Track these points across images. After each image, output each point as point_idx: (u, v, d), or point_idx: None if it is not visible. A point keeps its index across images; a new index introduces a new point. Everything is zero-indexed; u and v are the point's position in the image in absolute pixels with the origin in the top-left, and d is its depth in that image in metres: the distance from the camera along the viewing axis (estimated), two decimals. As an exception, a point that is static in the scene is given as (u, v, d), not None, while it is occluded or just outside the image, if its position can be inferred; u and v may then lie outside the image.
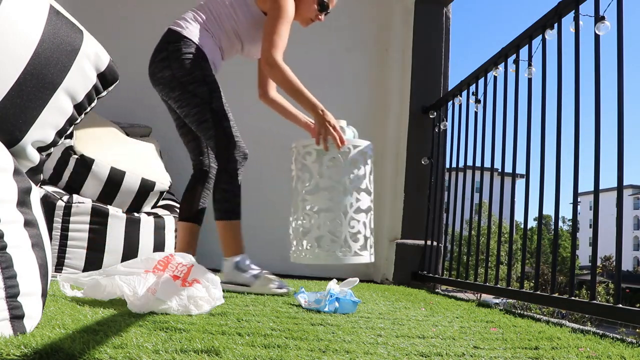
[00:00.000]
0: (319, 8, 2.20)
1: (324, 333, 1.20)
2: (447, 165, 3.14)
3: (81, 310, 1.30)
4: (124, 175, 2.49)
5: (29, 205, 1.01)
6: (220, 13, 2.12)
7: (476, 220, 2.70)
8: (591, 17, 1.79)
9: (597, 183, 1.74)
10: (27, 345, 0.83)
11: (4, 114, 1.01)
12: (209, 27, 2.12)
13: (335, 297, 1.61)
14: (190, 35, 2.07)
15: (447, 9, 3.45)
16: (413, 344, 1.13)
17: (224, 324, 1.25)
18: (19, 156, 1.09)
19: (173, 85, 2.06)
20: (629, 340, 1.33)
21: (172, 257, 1.53)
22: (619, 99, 1.63)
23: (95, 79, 1.21)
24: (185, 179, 3.56)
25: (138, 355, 0.85)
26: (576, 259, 5.54)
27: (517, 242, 9.96)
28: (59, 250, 2.30)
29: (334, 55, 3.87)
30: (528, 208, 2.17)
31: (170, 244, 2.65)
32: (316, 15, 2.22)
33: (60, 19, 1.11)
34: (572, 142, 1.86)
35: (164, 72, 2.07)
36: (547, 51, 2.10)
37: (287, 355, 0.93)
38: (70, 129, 1.20)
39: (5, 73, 1.00)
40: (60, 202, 2.32)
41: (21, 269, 0.94)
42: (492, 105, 2.52)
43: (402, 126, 3.45)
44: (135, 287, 1.39)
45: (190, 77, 2.03)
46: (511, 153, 2.31)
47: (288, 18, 2.05)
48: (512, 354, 1.08)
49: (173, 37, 2.08)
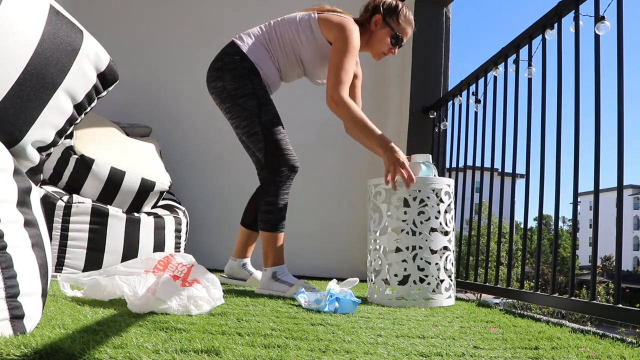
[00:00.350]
0: (393, 42, 2.20)
1: (324, 333, 1.20)
2: (447, 165, 3.14)
3: (81, 310, 1.30)
4: (124, 175, 2.49)
5: (29, 205, 1.01)
6: (285, 36, 2.13)
7: (476, 220, 2.71)
8: (591, 17, 1.79)
9: (597, 183, 1.74)
10: (27, 345, 0.83)
11: (4, 114, 1.01)
12: (270, 48, 2.13)
13: (335, 297, 1.61)
14: (248, 51, 2.09)
15: (447, 9, 3.45)
16: (413, 344, 1.13)
17: (224, 324, 1.25)
18: (19, 156, 1.09)
19: (224, 97, 2.09)
20: (629, 340, 1.33)
21: (172, 257, 1.53)
22: (619, 99, 1.63)
23: (95, 79, 1.21)
24: (185, 179, 3.57)
25: (138, 355, 0.85)
26: (576, 259, 5.55)
27: (517, 242, 9.96)
28: (59, 250, 2.30)
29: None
30: (528, 208, 2.17)
31: (171, 244, 2.65)
32: (389, 49, 2.22)
33: (60, 19, 1.11)
34: (572, 142, 1.86)
35: (217, 82, 2.10)
36: (547, 51, 2.10)
37: (287, 355, 0.93)
38: (70, 129, 1.20)
39: (5, 73, 1.00)
40: (60, 202, 2.32)
41: (21, 269, 0.94)
42: (492, 105, 2.52)
43: (402, 126, 3.45)
44: (135, 287, 1.39)
45: (240, 91, 2.05)
46: (511, 153, 2.31)
47: (354, 51, 2.05)
48: (512, 354, 1.07)
49: (232, 49, 2.11)
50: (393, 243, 1.93)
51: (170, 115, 3.63)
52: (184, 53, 3.68)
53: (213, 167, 3.61)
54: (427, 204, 1.91)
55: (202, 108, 3.70)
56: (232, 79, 2.06)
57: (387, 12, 2.19)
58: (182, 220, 2.76)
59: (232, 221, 2.31)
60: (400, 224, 1.91)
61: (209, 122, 3.66)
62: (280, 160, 2.04)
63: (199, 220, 3.28)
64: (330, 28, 2.07)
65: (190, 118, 3.66)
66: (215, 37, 3.83)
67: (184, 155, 3.56)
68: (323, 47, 2.12)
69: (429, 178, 1.96)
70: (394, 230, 1.93)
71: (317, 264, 3.34)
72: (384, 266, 1.94)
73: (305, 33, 2.11)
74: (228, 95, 2.07)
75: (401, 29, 2.20)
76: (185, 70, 3.68)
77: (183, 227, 2.77)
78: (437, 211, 1.92)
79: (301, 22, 2.12)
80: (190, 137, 3.63)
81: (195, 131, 3.64)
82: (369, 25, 2.21)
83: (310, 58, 2.15)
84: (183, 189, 3.39)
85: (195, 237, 3.11)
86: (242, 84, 2.05)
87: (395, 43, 2.20)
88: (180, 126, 3.63)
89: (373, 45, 2.22)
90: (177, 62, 3.69)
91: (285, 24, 2.14)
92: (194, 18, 3.75)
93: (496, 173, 2.68)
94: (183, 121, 3.65)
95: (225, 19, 3.76)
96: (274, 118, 2.07)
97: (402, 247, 1.91)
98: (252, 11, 3.80)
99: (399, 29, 2.19)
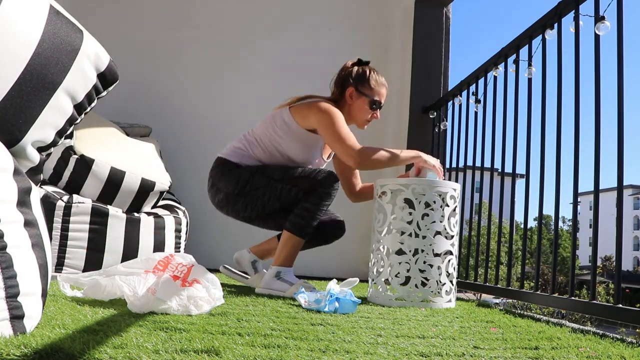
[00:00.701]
0: (373, 107, 2.23)
1: (324, 333, 1.20)
2: (447, 165, 3.14)
3: (81, 310, 1.30)
4: (124, 175, 2.49)
5: (29, 205, 1.01)
6: (264, 137, 2.17)
7: (476, 220, 2.70)
8: (591, 17, 1.79)
9: (597, 183, 1.74)
10: (27, 345, 0.83)
11: (4, 114, 1.01)
12: (248, 147, 2.18)
13: (335, 297, 1.61)
14: (229, 157, 2.16)
15: (447, 9, 3.45)
16: (413, 344, 1.13)
17: (224, 324, 1.25)
18: (19, 156, 1.09)
19: (234, 200, 2.13)
20: (629, 340, 1.33)
21: (172, 258, 1.53)
22: (619, 99, 1.63)
23: (95, 79, 1.21)
24: (185, 179, 3.56)
25: (138, 355, 0.85)
26: (576, 259, 5.54)
27: (517, 242, 9.96)
28: (59, 250, 2.30)
29: (335, 55, 3.86)
30: (528, 208, 2.17)
31: (170, 244, 2.65)
32: (371, 115, 2.25)
33: (60, 19, 1.11)
34: (572, 142, 1.86)
35: (217, 195, 2.18)
36: (547, 51, 2.10)
37: (287, 355, 0.93)
38: (70, 129, 1.20)
39: (5, 73, 1.00)
40: (60, 202, 2.32)
41: (21, 269, 0.94)
42: (492, 105, 2.52)
43: (402, 126, 3.45)
44: (135, 287, 1.39)
45: (241, 182, 2.10)
46: (511, 153, 2.31)
47: (338, 116, 2.09)
48: (512, 354, 1.07)
49: (214, 164, 2.21)
50: (396, 244, 1.93)
51: (170, 115, 3.63)
52: (184, 53, 3.68)
53: (213, 167, 3.61)
54: (432, 207, 1.91)
55: (202, 108, 3.71)
56: (227, 182, 2.12)
57: (357, 81, 2.22)
58: (182, 220, 2.77)
59: (232, 221, 2.30)
60: (405, 225, 1.91)
61: (208, 122, 3.66)
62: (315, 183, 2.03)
63: (199, 220, 3.28)
64: (305, 116, 2.12)
65: (190, 118, 3.66)
66: (216, 37, 3.86)
67: (184, 155, 3.56)
68: (303, 136, 2.15)
69: (435, 181, 1.98)
70: (397, 231, 1.93)
71: (317, 264, 3.33)
72: (386, 267, 1.94)
73: (282, 129, 2.14)
74: (234, 195, 2.12)
75: (376, 92, 2.23)
76: (186, 70, 3.69)
77: (183, 227, 2.77)
78: (442, 215, 1.92)
79: (276, 120, 2.16)
80: (190, 137, 3.63)
81: (195, 131, 3.64)
82: (344, 99, 2.23)
83: (293, 148, 2.16)
84: (183, 189, 3.39)
85: (195, 237, 3.11)
86: (237, 177, 2.10)
87: (375, 107, 2.24)
88: (180, 126, 3.63)
89: (354, 117, 2.24)
90: (177, 62, 3.69)
91: (262, 126, 2.19)
92: (194, 18, 3.75)
93: (496, 173, 2.68)
94: (183, 121, 3.65)
95: (225, 19, 3.77)
96: (282, 167, 2.09)
97: (405, 248, 1.91)
98: (252, 11, 3.80)
99: (374, 94, 2.22)
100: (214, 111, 3.69)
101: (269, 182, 2.07)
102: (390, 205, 1.96)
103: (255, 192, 2.08)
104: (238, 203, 2.13)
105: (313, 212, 2.03)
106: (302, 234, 2.05)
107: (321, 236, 2.28)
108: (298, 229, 2.05)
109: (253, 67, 3.75)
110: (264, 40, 3.75)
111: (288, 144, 2.14)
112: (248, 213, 2.15)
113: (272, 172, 2.08)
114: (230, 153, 2.18)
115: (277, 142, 2.14)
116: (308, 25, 3.83)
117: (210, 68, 3.69)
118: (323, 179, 2.03)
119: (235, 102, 3.71)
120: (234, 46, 3.73)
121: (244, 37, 3.75)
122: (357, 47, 3.83)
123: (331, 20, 3.87)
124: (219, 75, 3.72)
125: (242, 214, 2.17)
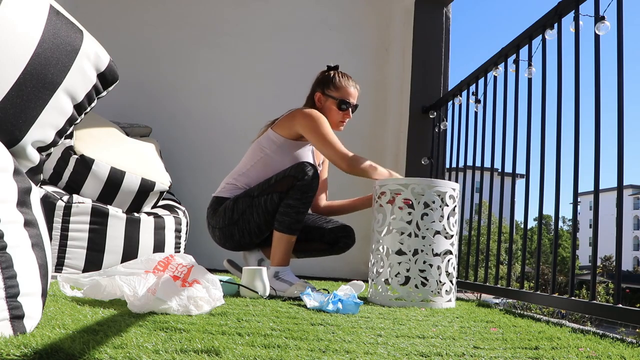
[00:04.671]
0: (343, 107, 2.25)
1: (324, 333, 1.20)
2: (447, 165, 3.14)
3: (81, 310, 1.30)
4: (124, 175, 2.49)
5: (29, 205, 1.01)
6: (255, 162, 2.20)
7: (476, 220, 2.71)
8: (591, 17, 1.79)
9: (597, 183, 1.74)
10: (27, 345, 0.83)
11: (4, 114, 1.01)
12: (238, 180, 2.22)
13: (338, 299, 1.62)
14: (221, 194, 2.22)
15: (447, 9, 3.45)
16: (413, 344, 1.13)
17: (224, 324, 1.25)
18: (19, 156, 1.09)
19: (227, 233, 2.17)
20: (629, 340, 1.33)
21: (172, 258, 1.54)
22: (619, 99, 1.63)
23: (95, 79, 1.21)
24: (185, 179, 3.57)
25: (138, 355, 0.85)
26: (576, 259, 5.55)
27: (517, 242, 9.96)
28: (59, 250, 2.30)
29: (334, 55, 3.87)
30: (528, 208, 2.17)
31: (171, 244, 2.65)
32: (343, 116, 2.27)
33: (60, 19, 1.11)
34: (572, 142, 1.86)
35: (215, 232, 2.23)
36: (547, 51, 2.10)
37: (287, 355, 0.93)
38: (70, 129, 1.20)
39: (5, 73, 1.00)
40: (60, 202, 2.32)
41: (21, 269, 0.94)
42: (492, 105, 2.52)
43: (402, 126, 3.46)
44: (135, 288, 1.39)
45: (229, 214, 2.14)
46: (511, 153, 2.31)
47: (322, 119, 2.12)
48: (512, 354, 1.08)
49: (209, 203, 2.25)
50: (396, 244, 1.93)
51: (170, 115, 3.63)
52: (184, 53, 3.68)
53: (213, 167, 3.61)
54: (432, 207, 1.91)
55: (202, 108, 3.71)
56: (217, 218, 2.17)
57: (323, 85, 2.26)
58: (182, 220, 2.77)
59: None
60: (404, 225, 1.91)
61: (209, 122, 3.66)
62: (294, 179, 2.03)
63: (199, 220, 3.28)
64: (290, 126, 2.16)
65: (191, 118, 3.67)
66: (216, 37, 3.86)
67: (184, 155, 3.56)
68: (292, 146, 2.19)
69: (434, 180, 1.98)
70: (397, 231, 1.93)
71: (317, 264, 3.33)
72: (386, 267, 1.94)
73: (271, 148, 2.18)
74: (227, 227, 2.15)
75: (342, 92, 2.25)
76: (186, 70, 3.69)
77: (183, 227, 2.77)
78: (441, 215, 1.93)
79: (262, 144, 2.21)
80: (190, 137, 3.63)
81: (195, 131, 3.64)
82: (314, 104, 2.27)
83: (288, 163, 2.16)
84: (183, 189, 3.39)
85: (195, 237, 3.11)
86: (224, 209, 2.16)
87: (345, 108, 2.25)
88: (180, 126, 3.63)
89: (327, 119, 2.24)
90: (177, 62, 3.69)
91: (250, 155, 2.23)
92: (194, 18, 3.75)
93: (496, 173, 2.68)
94: (183, 121, 3.65)
95: (225, 19, 3.77)
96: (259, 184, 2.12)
97: (404, 248, 1.91)
98: (252, 11, 3.80)
99: (339, 94, 2.24)
100: (214, 111, 3.69)
101: (252, 201, 2.10)
102: (390, 206, 1.96)
103: (243, 216, 2.11)
104: (235, 234, 2.16)
105: (297, 207, 2.04)
106: (291, 231, 2.06)
107: (331, 247, 2.32)
108: (286, 227, 2.06)
109: (253, 67, 3.75)
110: (264, 40, 3.75)
111: (283, 160, 2.17)
112: (248, 239, 2.16)
113: (252, 192, 2.12)
114: (222, 190, 2.24)
115: (269, 163, 2.18)
116: (308, 25, 3.83)
117: (211, 68, 3.70)
118: (296, 173, 2.04)
119: (235, 102, 3.72)
120: (235, 46, 3.73)
121: (245, 37, 3.75)
122: (357, 47, 3.84)
123: (331, 20, 3.87)
124: (220, 75, 3.72)
125: (244, 241, 2.18)
